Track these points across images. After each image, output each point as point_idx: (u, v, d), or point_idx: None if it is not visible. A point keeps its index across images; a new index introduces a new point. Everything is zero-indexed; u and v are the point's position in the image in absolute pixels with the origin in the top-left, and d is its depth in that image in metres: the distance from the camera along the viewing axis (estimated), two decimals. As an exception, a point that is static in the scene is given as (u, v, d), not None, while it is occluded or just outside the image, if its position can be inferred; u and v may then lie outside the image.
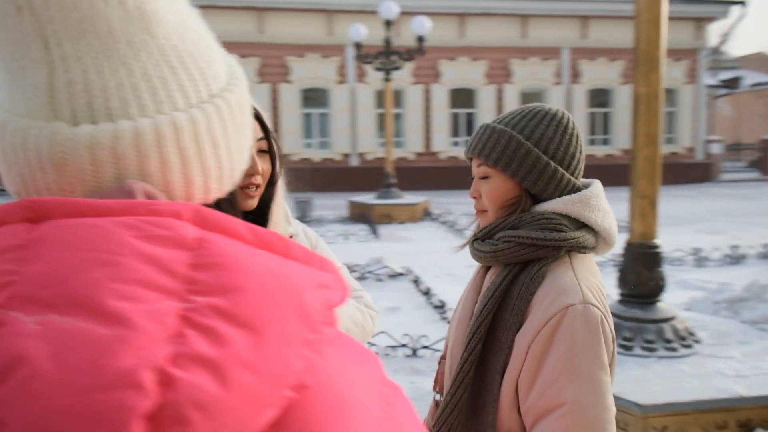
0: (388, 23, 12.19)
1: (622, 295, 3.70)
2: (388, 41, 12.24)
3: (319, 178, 17.94)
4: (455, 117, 18.98)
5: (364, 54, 12.55)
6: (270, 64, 17.80)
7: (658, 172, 3.59)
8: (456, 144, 19.03)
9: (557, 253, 1.18)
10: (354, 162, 18.34)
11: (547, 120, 1.22)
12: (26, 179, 0.46)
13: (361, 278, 6.93)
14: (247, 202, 1.31)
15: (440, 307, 5.52)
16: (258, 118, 1.34)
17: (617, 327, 3.52)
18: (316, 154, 18.20)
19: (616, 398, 2.73)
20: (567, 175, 1.22)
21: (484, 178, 1.25)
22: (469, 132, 19.08)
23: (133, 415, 0.32)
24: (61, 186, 0.46)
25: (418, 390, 3.96)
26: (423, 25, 12.05)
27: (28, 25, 0.43)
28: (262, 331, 0.38)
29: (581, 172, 1.27)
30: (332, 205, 15.02)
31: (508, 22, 18.59)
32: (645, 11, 3.52)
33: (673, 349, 3.40)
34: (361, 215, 11.81)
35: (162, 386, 0.33)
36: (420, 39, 12.17)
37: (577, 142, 1.24)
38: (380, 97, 12.48)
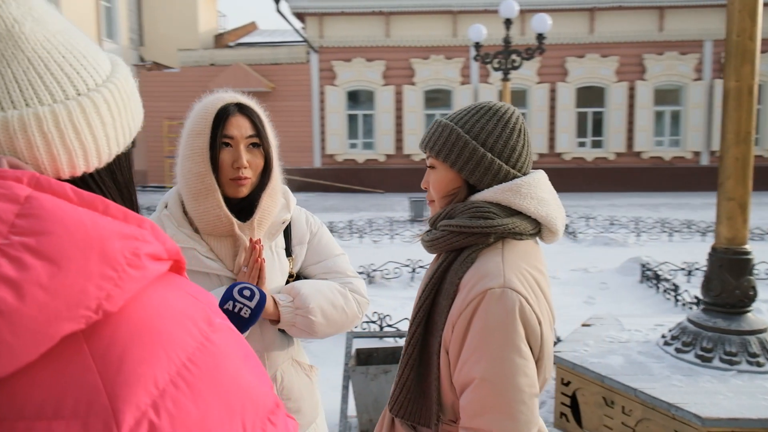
0: (509, 22, 12.05)
1: (705, 303, 3.48)
2: (507, 40, 12.09)
3: (439, 178, 18.13)
4: (582, 116, 18.24)
5: (483, 54, 12.50)
6: (395, 66, 18.22)
7: (749, 172, 3.33)
8: (582, 144, 18.30)
9: (486, 239, 1.23)
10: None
11: (489, 115, 1.28)
12: None
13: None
14: (237, 190, 1.49)
15: (530, 308, 5.45)
16: (250, 116, 1.51)
17: (697, 336, 3.33)
18: (438, 155, 18.38)
19: (677, 408, 2.65)
20: (505, 166, 1.26)
21: (432, 169, 1.33)
22: (596, 132, 18.27)
23: None
24: None
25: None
26: (544, 22, 11.76)
27: None
28: (61, 264, 0.52)
29: (526, 164, 1.30)
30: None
31: (642, 15, 17.54)
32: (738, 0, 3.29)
33: (758, 364, 3.14)
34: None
35: None
36: (540, 37, 11.91)
37: (518, 136, 1.28)
38: (503, 98, 12.33)
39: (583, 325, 4.02)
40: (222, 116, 1.48)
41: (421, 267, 7.20)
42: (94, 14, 22.10)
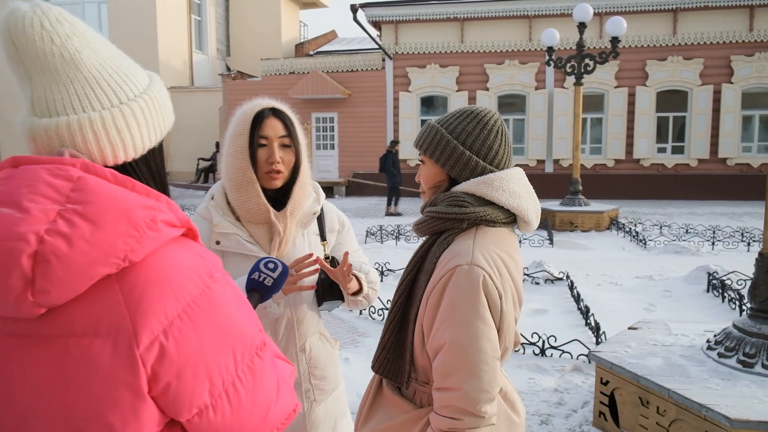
0: (582, 26, 11.90)
1: (751, 309, 3.45)
2: (580, 44, 11.94)
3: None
4: (662, 121, 17.59)
5: (556, 59, 12.40)
6: (468, 72, 18.28)
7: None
8: (662, 150, 17.63)
9: (461, 224, 1.41)
10: (548, 168, 18.02)
11: (470, 118, 1.46)
12: (27, 149, 0.91)
13: (517, 280, 7.05)
14: (270, 183, 1.75)
15: (586, 312, 5.46)
16: (282, 119, 1.77)
17: (740, 341, 3.32)
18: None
19: (707, 409, 2.71)
20: (482, 162, 1.44)
21: (423, 164, 1.53)
22: (677, 137, 17.56)
23: (23, 253, 0.72)
24: (36, 151, 0.89)
25: (536, 386, 4.09)
26: (619, 25, 11.52)
27: (23, 70, 0.86)
28: (99, 225, 0.76)
29: (503, 161, 1.48)
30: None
31: (730, 15, 16.70)
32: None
33: (802, 372, 3.10)
34: (542, 221, 11.70)
35: (38, 242, 0.73)
36: (615, 40, 11.68)
37: (496, 136, 1.46)
38: (576, 102, 12.14)
39: (630, 328, 4.05)
40: (259, 119, 1.72)
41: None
42: (186, 28, 23.47)
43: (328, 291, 1.82)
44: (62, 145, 0.86)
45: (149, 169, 0.96)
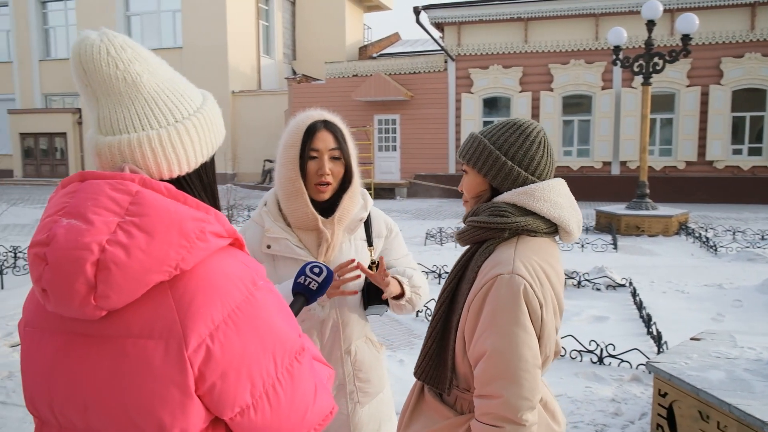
0: (651, 23, 11.52)
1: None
2: (649, 42, 11.57)
3: (576, 186, 17.53)
4: (738, 122, 16.76)
5: (623, 58, 12.05)
6: (532, 73, 18.00)
7: None
8: (738, 152, 16.80)
9: (502, 234, 1.44)
10: (615, 170, 17.49)
11: (513, 129, 1.49)
12: (93, 165, 1.00)
13: (577, 286, 6.92)
14: (319, 195, 1.82)
15: (648, 320, 5.31)
16: (333, 132, 1.83)
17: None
18: (575, 162, 17.83)
19: (748, 415, 2.63)
20: (524, 173, 1.46)
21: (466, 174, 1.56)
22: (755, 138, 16.69)
23: (88, 261, 0.79)
24: (101, 166, 0.96)
25: (592, 395, 4.03)
26: (690, 22, 11.09)
27: (91, 93, 0.94)
28: (154, 236, 0.84)
29: (546, 172, 1.50)
30: (585, 214, 14.66)
31: (815, 9, 15.76)
32: None
33: None
34: (606, 225, 11.41)
35: (100, 252, 0.80)
36: (686, 38, 11.24)
37: (538, 147, 1.48)
38: (644, 102, 11.75)
39: (692, 339, 3.93)
40: (310, 131, 1.79)
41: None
42: (255, 34, 24.16)
43: (374, 295, 1.87)
44: (123, 160, 0.94)
45: (201, 182, 1.03)
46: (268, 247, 1.82)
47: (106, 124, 0.94)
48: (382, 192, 18.96)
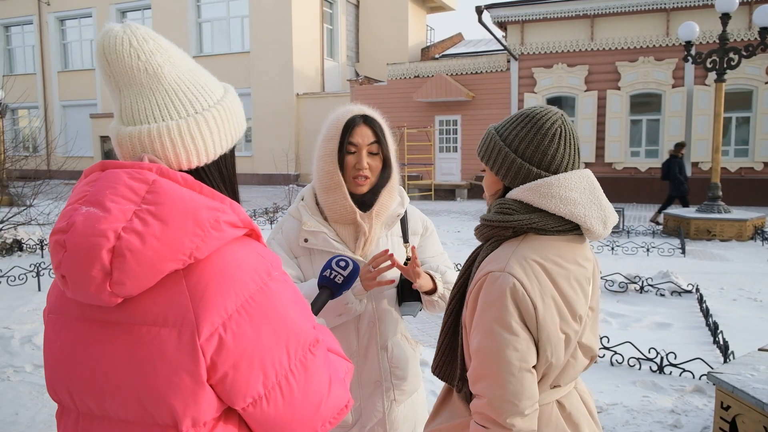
0: (726, 17, 10.97)
1: None
2: (723, 37, 11.03)
3: (643, 188, 16.94)
4: (824, 119, 15.71)
5: (695, 54, 11.54)
6: (598, 71, 17.48)
7: None
8: (823, 152, 15.78)
9: (506, 231, 1.38)
10: (686, 172, 16.73)
11: (525, 122, 1.40)
12: (115, 155, 1.03)
13: (640, 291, 6.69)
14: (357, 188, 1.83)
15: (714, 329, 5.09)
16: (372, 126, 1.82)
17: None
18: (643, 164, 17.18)
19: None
20: (535, 169, 1.37)
21: (484, 172, 1.52)
22: (843, 137, 15.62)
23: (104, 248, 0.81)
24: (122, 155, 0.98)
25: (650, 405, 3.90)
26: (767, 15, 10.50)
27: (114, 83, 0.95)
28: (168, 224, 0.84)
29: (564, 165, 1.39)
30: (650, 217, 14.13)
31: None
32: None
33: None
34: (675, 229, 10.96)
35: (116, 239, 0.82)
36: (764, 31, 10.63)
37: (552, 140, 1.37)
38: (717, 101, 11.21)
39: (760, 350, 3.74)
40: (350, 126, 1.79)
41: (600, 278, 6.99)
42: (319, 37, 24.56)
43: (408, 294, 1.86)
44: (143, 150, 0.95)
45: (220, 174, 1.04)
46: (306, 240, 1.83)
47: (127, 114, 0.96)
48: (441, 193, 18.88)
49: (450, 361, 1.52)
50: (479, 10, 16.96)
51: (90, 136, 26.78)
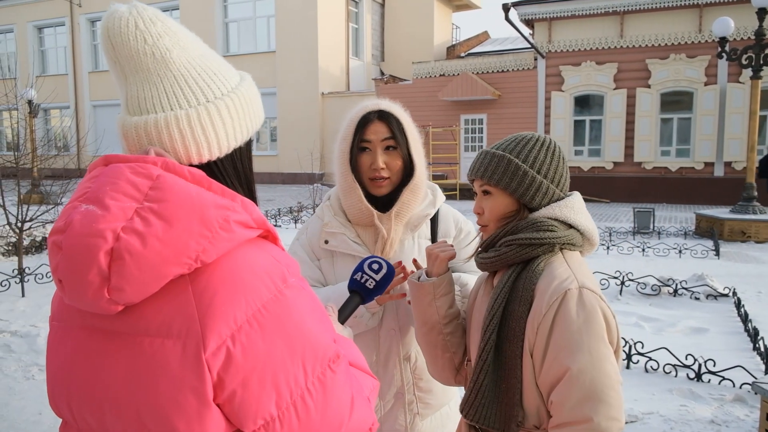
0: (762, 12, 10.65)
1: None
2: (760, 33, 10.71)
3: (673, 188, 16.57)
4: None
5: (730, 50, 11.23)
6: (628, 69, 17.16)
7: None
8: None
9: (552, 249, 1.38)
10: (718, 172, 16.34)
11: (537, 145, 1.44)
12: (121, 148, 0.94)
13: (674, 294, 6.50)
14: (376, 190, 1.71)
15: (754, 335, 4.89)
16: (387, 122, 1.70)
17: None
18: (674, 163, 16.79)
19: None
20: (554, 188, 1.43)
21: (487, 195, 1.45)
22: None
23: (101, 249, 0.73)
24: (128, 148, 0.89)
25: (688, 415, 3.75)
26: (808, 10, 10.16)
27: (119, 69, 0.87)
28: (172, 223, 0.75)
29: (567, 185, 1.47)
30: (683, 218, 13.81)
31: None
32: None
33: None
34: (708, 230, 10.66)
35: (114, 240, 0.73)
36: (803, 27, 10.31)
37: (561, 162, 1.46)
38: (753, 99, 10.89)
39: (805, 359, 3.57)
40: (363, 123, 1.69)
41: (630, 280, 6.83)
42: (344, 36, 24.57)
43: None
44: (150, 143, 0.86)
45: (235, 169, 0.94)
46: (326, 242, 1.74)
47: (133, 103, 0.88)
48: (466, 193, 18.71)
49: (490, 404, 1.38)
50: (506, 8, 16.76)
51: (120, 135, 27.05)
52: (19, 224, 7.19)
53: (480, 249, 1.50)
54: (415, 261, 1.67)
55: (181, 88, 0.88)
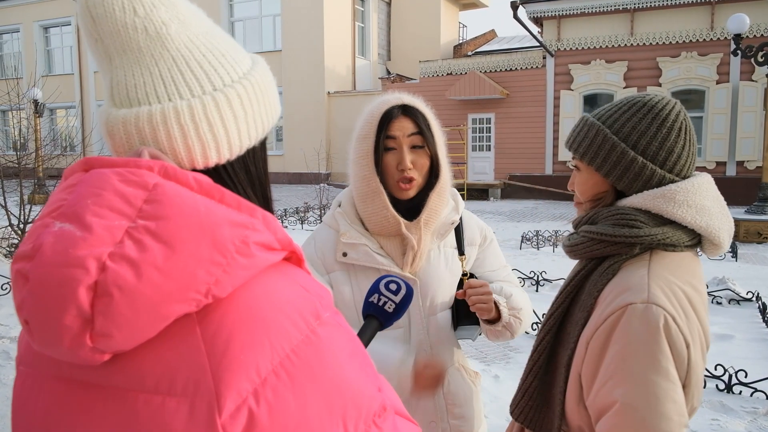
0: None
1: None
2: (776, 31, 10.51)
3: (686, 188, 16.33)
4: None
5: (744, 47, 11.01)
6: (638, 67, 16.94)
7: None
8: None
9: (631, 250, 1.13)
10: (730, 171, 16.09)
11: (642, 112, 1.16)
12: (104, 145, 0.76)
13: (694, 299, 6.30)
14: (402, 194, 1.54)
15: (782, 343, 4.70)
16: (413, 116, 1.53)
17: None
18: (686, 162, 16.58)
19: None
20: (660, 170, 1.15)
21: (577, 170, 1.26)
22: None
23: (81, 283, 0.55)
24: (114, 149, 0.70)
25: (720, 430, 3.56)
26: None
27: (102, 50, 0.68)
28: (175, 247, 0.57)
29: (687, 167, 1.17)
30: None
31: None
32: None
33: None
34: (724, 231, 10.45)
35: (99, 270, 0.55)
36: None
37: (678, 135, 1.15)
38: (767, 97, 10.72)
39: None
40: (386, 119, 1.51)
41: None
42: (350, 35, 24.43)
43: (465, 315, 1.57)
44: (143, 142, 0.68)
45: (248, 174, 0.75)
46: (344, 255, 1.54)
47: (120, 92, 0.69)
48: (474, 193, 18.54)
49: (538, 407, 1.24)
50: (515, 6, 16.58)
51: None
52: (22, 225, 7.06)
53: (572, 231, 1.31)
54: (464, 279, 1.50)
55: (182, 73, 0.69)
